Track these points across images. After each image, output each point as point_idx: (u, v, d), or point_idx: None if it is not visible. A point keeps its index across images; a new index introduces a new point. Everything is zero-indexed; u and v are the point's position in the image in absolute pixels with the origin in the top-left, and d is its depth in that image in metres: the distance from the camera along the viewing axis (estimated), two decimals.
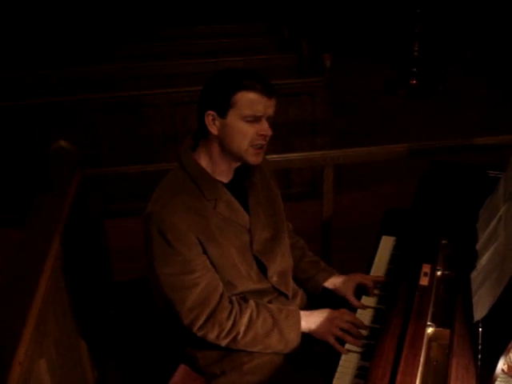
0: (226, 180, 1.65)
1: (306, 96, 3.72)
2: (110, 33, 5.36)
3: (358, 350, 1.54)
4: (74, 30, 5.44)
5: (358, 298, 1.76)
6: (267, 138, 1.59)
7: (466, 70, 6.37)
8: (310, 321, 1.67)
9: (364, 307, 1.71)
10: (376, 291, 1.76)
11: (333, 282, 1.85)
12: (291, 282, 1.81)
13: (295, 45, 4.56)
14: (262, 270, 1.70)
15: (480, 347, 1.28)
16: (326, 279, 1.86)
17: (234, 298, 1.63)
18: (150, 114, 3.63)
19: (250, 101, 1.53)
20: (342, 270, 1.93)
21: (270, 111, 1.58)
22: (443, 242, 1.71)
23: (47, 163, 2.20)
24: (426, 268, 1.57)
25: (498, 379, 1.20)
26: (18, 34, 5.31)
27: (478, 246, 1.56)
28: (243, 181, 1.70)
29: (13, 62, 4.68)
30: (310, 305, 1.83)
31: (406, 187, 2.67)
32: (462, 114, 5.23)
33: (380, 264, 1.88)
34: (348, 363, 1.50)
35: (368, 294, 1.76)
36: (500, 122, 4.75)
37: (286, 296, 1.76)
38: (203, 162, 1.62)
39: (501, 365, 1.17)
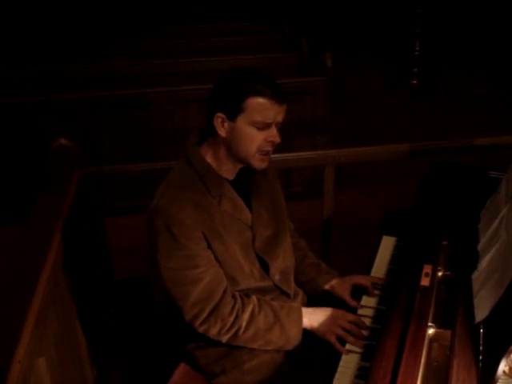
0: (230, 177, 1.65)
1: (307, 95, 3.72)
2: (111, 30, 5.36)
3: (358, 350, 1.54)
4: (74, 28, 5.44)
5: (358, 297, 1.75)
6: (275, 145, 1.59)
7: (466, 70, 6.37)
8: (313, 318, 1.67)
9: (360, 307, 1.70)
10: (377, 292, 1.76)
11: (331, 284, 1.85)
12: (292, 280, 1.81)
13: (296, 44, 4.56)
14: (265, 267, 1.70)
15: (481, 348, 1.27)
16: (326, 282, 1.86)
17: (236, 293, 1.63)
18: (150, 112, 3.62)
19: (261, 107, 1.52)
20: (343, 270, 1.93)
21: (280, 118, 1.57)
22: (444, 242, 1.71)
23: (47, 161, 2.19)
24: (427, 268, 1.57)
25: (500, 381, 1.20)
26: (18, 31, 5.31)
27: (480, 247, 1.56)
28: (247, 178, 1.70)
29: (13, 60, 4.68)
30: (310, 305, 1.82)
31: (406, 187, 2.66)
32: (462, 114, 5.23)
33: (381, 264, 1.88)
34: (348, 363, 1.49)
35: (368, 294, 1.76)
36: (500, 123, 4.75)
37: (287, 295, 1.76)
38: (209, 158, 1.62)
39: (502, 366, 1.17)
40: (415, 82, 5.94)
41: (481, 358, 1.26)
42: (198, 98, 3.43)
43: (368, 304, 1.71)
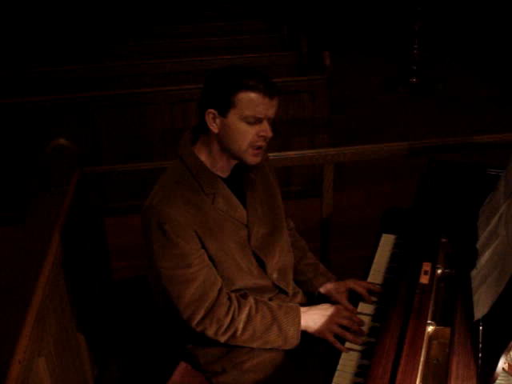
0: (224, 175, 1.64)
1: (306, 94, 3.72)
2: (110, 31, 5.36)
3: (358, 348, 1.53)
4: (73, 28, 5.44)
5: (356, 302, 1.73)
6: (267, 139, 1.59)
7: (466, 69, 6.38)
8: (308, 318, 1.66)
9: (357, 313, 1.68)
10: (373, 298, 1.73)
11: (327, 288, 1.83)
12: (291, 279, 1.81)
13: (295, 43, 4.56)
14: (262, 266, 1.70)
15: (480, 346, 1.27)
16: (322, 284, 1.84)
17: (232, 294, 1.63)
18: (149, 112, 3.63)
19: (251, 101, 1.51)
20: (342, 269, 1.93)
21: (271, 112, 1.56)
22: (443, 240, 1.71)
23: (47, 161, 2.19)
24: (427, 266, 1.57)
25: (499, 378, 1.20)
26: (17, 31, 5.31)
27: (479, 245, 1.56)
28: (241, 176, 1.70)
29: (12, 60, 4.68)
30: (309, 305, 1.81)
31: (405, 185, 2.67)
32: (461, 112, 5.24)
33: (380, 262, 1.88)
34: (348, 361, 1.49)
35: (364, 301, 1.73)
36: (499, 121, 4.76)
37: (286, 293, 1.76)
38: (203, 156, 1.61)
39: (501, 363, 1.17)
40: (414, 80, 5.96)
41: (480, 355, 1.26)
42: (197, 98, 3.40)
43: (364, 309, 1.69)
